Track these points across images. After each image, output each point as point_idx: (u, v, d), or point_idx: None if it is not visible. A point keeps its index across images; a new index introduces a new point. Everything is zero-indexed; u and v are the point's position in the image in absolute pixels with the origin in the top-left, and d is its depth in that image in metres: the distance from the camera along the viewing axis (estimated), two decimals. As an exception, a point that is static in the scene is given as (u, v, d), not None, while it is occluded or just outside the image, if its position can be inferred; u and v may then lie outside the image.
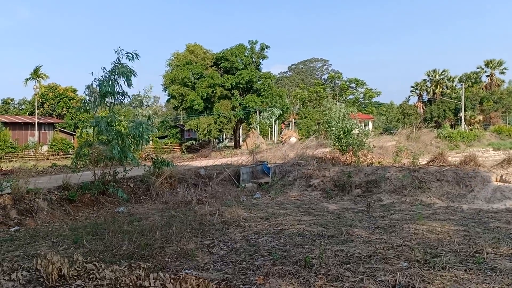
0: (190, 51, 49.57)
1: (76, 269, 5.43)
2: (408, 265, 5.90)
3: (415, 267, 5.78)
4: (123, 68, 12.41)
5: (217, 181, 15.63)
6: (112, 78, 12.39)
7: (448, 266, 5.70)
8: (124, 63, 12.53)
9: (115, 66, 12.45)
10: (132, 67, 12.66)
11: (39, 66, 54.12)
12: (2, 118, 50.77)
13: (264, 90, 47.66)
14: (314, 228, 8.68)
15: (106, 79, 12.33)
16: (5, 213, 9.20)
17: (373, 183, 13.51)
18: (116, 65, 12.45)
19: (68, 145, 51.61)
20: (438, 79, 73.64)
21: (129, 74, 12.48)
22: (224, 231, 8.51)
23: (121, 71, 12.38)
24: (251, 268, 6.02)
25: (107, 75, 12.36)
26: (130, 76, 12.51)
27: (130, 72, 12.51)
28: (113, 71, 12.42)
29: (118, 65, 12.44)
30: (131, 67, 12.60)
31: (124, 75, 12.41)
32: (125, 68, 12.44)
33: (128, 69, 12.47)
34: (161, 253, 6.82)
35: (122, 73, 12.39)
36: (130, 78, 12.56)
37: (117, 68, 12.40)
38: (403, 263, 6.01)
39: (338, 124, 20.65)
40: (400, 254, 6.48)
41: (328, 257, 6.34)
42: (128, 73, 12.45)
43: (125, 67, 12.44)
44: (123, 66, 12.45)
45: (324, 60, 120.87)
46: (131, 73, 12.52)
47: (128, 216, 10.23)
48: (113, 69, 12.42)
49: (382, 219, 9.84)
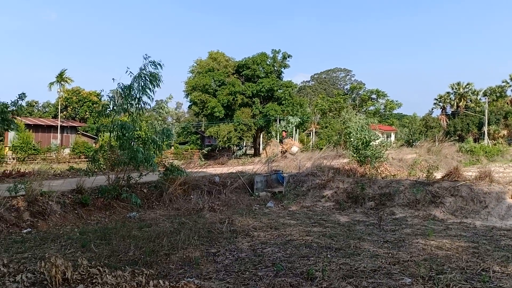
0: (212, 59, 50.09)
1: (80, 273, 5.50)
2: (412, 281, 5.80)
3: (418, 283, 5.68)
4: (151, 76, 12.56)
5: (231, 189, 15.66)
6: (137, 84, 12.51)
7: (452, 284, 5.58)
8: (150, 71, 12.67)
9: (140, 72, 12.57)
10: (158, 73, 12.81)
11: (64, 70, 55.51)
12: (26, 120, 51.98)
13: (285, 98, 47.74)
14: (323, 240, 8.61)
15: (131, 85, 12.46)
16: (18, 215, 9.40)
17: (386, 196, 13.33)
18: (142, 72, 12.59)
19: (90, 148, 52.51)
20: (462, 92, 72.42)
21: (155, 80, 12.64)
22: (232, 240, 8.52)
23: (147, 78, 12.53)
24: (254, 278, 6.01)
25: (133, 81, 12.49)
26: (155, 82, 12.67)
27: (156, 78, 12.65)
28: (140, 76, 12.54)
29: (144, 72, 12.58)
30: (157, 73, 12.74)
31: (151, 82, 12.57)
32: (153, 75, 12.58)
33: (155, 76, 12.62)
34: (166, 260, 6.87)
35: (150, 80, 12.54)
36: (156, 85, 12.72)
37: (143, 75, 12.54)
38: (407, 278, 5.92)
39: (357, 135, 20.45)
40: (405, 270, 6.38)
41: (332, 270, 6.28)
42: (154, 80, 12.61)
43: (153, 75, 12.58)
44: (151, 74, 12.59)
45: (347, 70, 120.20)
46: (156, 79, 12.67)
47: (139, 222, 10.34)
48: (139, 75, 12.54)
49: (392, 233, 9.71)
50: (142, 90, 12.60)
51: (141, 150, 12.06)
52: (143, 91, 12.59)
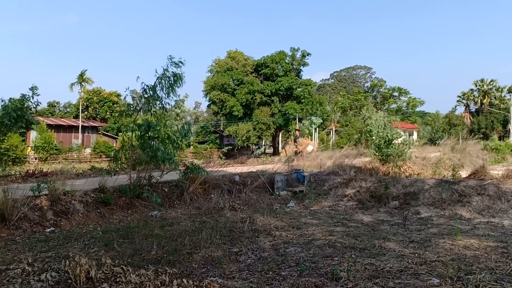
0: (231, 58, 50.11)
1: (104, 272, 5.50)
2: (440, 281, 5.64)
3: (446, 284, 5.52)
4: (175, 76, 12.55)
5: (251, 188, 15.57)
6: (161, 84, 12.51)
7: (482, 285, 5.39)
8: (174, 71, 12.66)
9: (164, 72, 12.57)
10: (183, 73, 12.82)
11: (84, 70, 56.30)
12: (47, 120, 52.88)
13: (304, 97, 47.42)
14: (346, 239, 8.46)
15: (155, 85, 12.47)
16: (42, 214, 9.49)
17: (411, 195, 13.08)
18: (166, 72, 12.58)
19: (111, 148, 53.14)
20: (486, 89, 70.96)
21: (178, 80, 12.63)
22: (254, 239, 8.44)
23: (171, 78, 12.53)
24: (277, 278, 5.92)
25: (157, 81, 12.50)
26: (178, 82, 12.66)
27: (180, 78, 12.64)
28: (164, 77, 12.51)
29: (168, 72, 12.58)
30: (181, 73, 12.73)
31: (175, 82, 12.57)
32: (176, 75, 12.57)
33: (179, 76, 12.61)
34: (188, 259, 6.83)
35: (174, 80, 12.54)
36: (179, 85, 12.72)
37: (167, 75, 12.54)
38: (435, 279, 5.76)
39: (379, 133, 20.16)
40: (432, 270, 6.22)
41: (357, 270, 6.14)
42: (178, 80, 12.60)
43: (176, 75, 12.57)
44: (175, 75, 12.59)
45: (367, 67, 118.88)
46: (180, 79, 12.66)
47: (160, 221, 10.35)
48: (163, 75, 12.53)
49: (418, 232, 9.50)
50: (166, 89, 12.60)
51: (162, 149, 12.07)
52: (167, 91, 12.59)
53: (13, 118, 10.80)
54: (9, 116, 10.75)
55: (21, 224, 8.82)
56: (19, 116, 10.98)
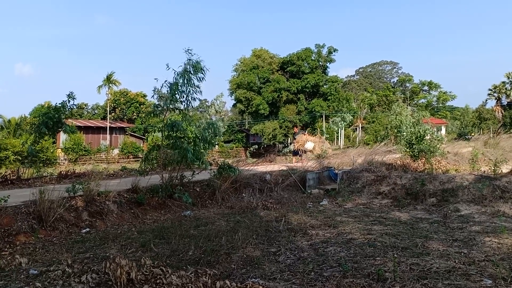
0: (256, 56, 50.07)
1: (144, 273, 5.42)
2: (493, 282, 5.36)
3: (501, 285, 5.24)
4: (194, 67, 12.34)
5: (282, 187, 15.41)
6: (182, 79, 12.36)
7: (541, 286, 5.07)
8: (193, 62, 12.43)
9: (185, 66, 12.41)
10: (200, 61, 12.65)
11: (111, 72, 57.24)
12: (76, 122, 54.02)
13: (331, 94, 46.96)
14: (386, 238, 8.19)
15: (177, 81, 12.35)
16: (77, 215, 9.54)
17: (449, 192, 12.63)
18: (186, 66, 12.43)
19: (138, 148, 53.96)
20: (519, 82, 68.60)
21: (198, 70, 12.45)
22: (291, 239, 8.25)
23: (191, 70, 12.37)
24: (320, 279, 5.72)
25: (178, 77, 12.37)
26: (199, 72, 12.47)
27: (199, 67, 12.45)
28: (185, 71, 12.37)
29: (188, 66, 12.44)
30: (199, 61, 12.52)
31: (195, 73, 12.41)
32: (195, 66, 12.35)
33: (196, 66, 12.42)
34: (227, 260, 6.70)
35: (194, 71, 12.36)
36: (201, 77, 12.57)
37: (187, 69, 12.40)
38: (487, 280, 5.48)
39: (410, 129, 19.66)
40: (482, 270, 5.93)
41: (403, 271, 5.90)
42: (198, 70, 12.43)
43: (195, 65, 12.34)
44: (194, 65, 12.35)
45: (393, 62, 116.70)
46: (199, 69, 12.47)
47: (194, 220, 10.27)
48: (184, 70, 12.40)
49: (460, 231, 9.12)
50: (187, 84, 12.43)
51: (191, 149, 11.98)
52: (188, 85, 12.40)
53: (50, 124, 11.25)
54: (46, 124, 11.21)
55: (57, 225, 8.87)
56: (55, 123, 11.35)
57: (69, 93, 11.78)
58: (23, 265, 6.29)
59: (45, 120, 11.31)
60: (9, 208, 8.80)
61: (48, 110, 11.81)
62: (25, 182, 13.82)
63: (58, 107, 11.62)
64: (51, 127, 11.37)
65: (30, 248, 7.60)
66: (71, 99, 11.77)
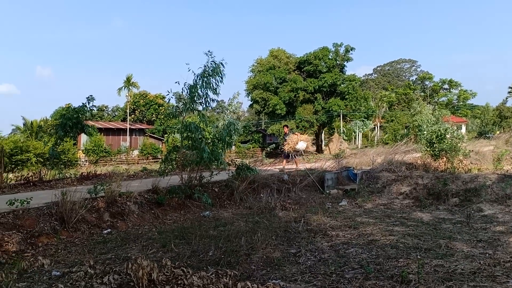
0: (273, 56, 49.99)
1: (165, 274, 5.43)
2: (520, 284, 5.20)
3: (530, 287, 5.08)
4: (212, 70, 12.37)
5: (300, 187, 15.31)
6: (201, 81, 12.40)
7: None
8: (212, 65, 12.47)
9: (204, 69, 12.44)
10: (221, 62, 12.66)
11: (130, 74, 57.91)
12: (97, 124, 54.84)
13: (348, 93, 46.53)
14: (408, 239, 8.05)
15: (196, 83, 12.39)
16: (99, 215, 9.63)
17: (472, 191, 12.38)
18: (205, 68, 12.46)
19: (157, 149, 54.46)
20: (542, 78, 66.99)
21: (217, 73, 12.48)
22: (310, 240, 8.18)
23: (210, 73, 12.39)
24: (342, 281, 5.64)
25: (197, 79, 12.41)
26: (218, 76, 12.49)
27: (218, 71, 12.48)
28: (204, 73, 12.40)
29: (207, 68, 12.45)
30: (219, 64, 12.55)
31: (213, 76, 12.43)
32: (214, 69, 12.39)
33: (216, 69, 12.44)
34: (247, 261, 6.67)
35: (212, 74, 12.39)
36: (220, 79, 12.58)
37: (207, 71, 12.41)
38: (514, 281, 5.32)
39: (430, 128, 19.36)
40: (508, 271, 5.79)
41: (427, 273, 5.78)
42: (217, 73, 12.45)
43: (214, 68, 12.39)
44: (213, 69, 12.38)
45: (412, 60, 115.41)
46: (219, 73, 12.50)
47: (213, 221, 10.28)
48: (203, 71, 12.43)
49: (484, 231, 8.94)
50: (205, 86, 12.46)
51: (207, 150, 11.97)
52: (206, 87, 12.43)
53: (69, 126, 11.42)
54: (65, 125, 11.39)
55: (79, 226, 8.96)
56: (74, 124, 11.53)
57: (89, 96, 12.06)
58: (45, 266, 6.35)
59: (64, 122, 11.52)
60: (31, 209, 8.92)
61: (67, 111, 12.04)
62: (47, 184, 14.03)
63: (77, 109, 11.82)
64: (70, 129, 11.56)
65: (52, 249, 7.68)
66: (90, 101, 11.99)
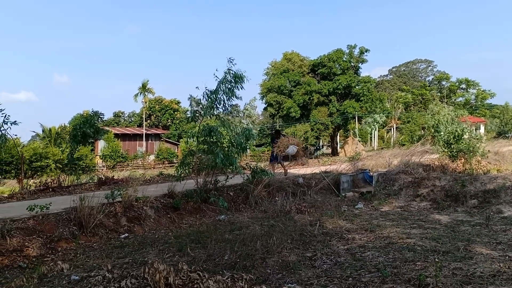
0: (287, 59, 50.00)
1: (181, 278, 5.44)
2: (542, 288, 5.10)
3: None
4: (235, 77, 12.41)
5: (315, 190, 15.25)
6: (223, 87, 12.46)
7: None
8: (235, 72, 12.53)
9: (225, 75, 12.48)
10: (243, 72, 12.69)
11: (146, 80, 58.51)
12: (114, 130, 55.51)
13: (363, 94, 46.23)
14: (426, 242, 7.96)
15: (217, 89, 12.44)
16: (116, 220, 9.75)
17: (491, 193, 12.18)
18: (226, 75, 12.51)
19: (173, 154, 54.86)
20: (562, 76, 65.64)
21: (240, 82, 12.51)
22: (326, 243, 8.14)
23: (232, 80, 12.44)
24: (358, 285, 5.60)
25: (218, 85, 12.47)
26: (239, 84, 12.56)
27: (241, 78, 12.50)
28: (225, 80, 12.44)
29: (229, 75, 12.50)
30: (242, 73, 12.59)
31: (236, 84, 12.48)
32: (238, 76, 12.42)
33: (240, 77, 12.47)
34: (262, 264, 6.66)
35: (235, 81, 12.43)
36: (240, 87, 12.63)
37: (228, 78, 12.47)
38: (535, 285, 5.22)
39: (448, 128, 19.13)
40: (529, 275, 5.65)
41: (445, 276, 5.70)
42: (240, 81, 12.49)
43: (237, 76, 12.42)
44: (235, 75, 12.42)
45: (428, 61, 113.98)
46: (241, 80, 12.53)
47: (229, 225, 10.30)
48: (224, 78, 12.47)
49: (503, 233, 8.79)
50: (227, 93, 12.53)
51: (221, 155, 11.98)
52: (228, 94, 12.52)
53: (79, 137, 11.76)
54: (75, 136, 11.72)
55: (97, 231, 9.08)
56: (82, 135, 11.91)
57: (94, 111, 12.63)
58: (64, 271, 6.45)
59: (74, 133, 11.87)
60: (51, 215, 9.07)
61: (78, 121, 12.47)
62: (65, 189, 14.23)
63: (87, 119, 12.20)
64: (81, 138, 11.91)
65: (71, 254, 7.80)
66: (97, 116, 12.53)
